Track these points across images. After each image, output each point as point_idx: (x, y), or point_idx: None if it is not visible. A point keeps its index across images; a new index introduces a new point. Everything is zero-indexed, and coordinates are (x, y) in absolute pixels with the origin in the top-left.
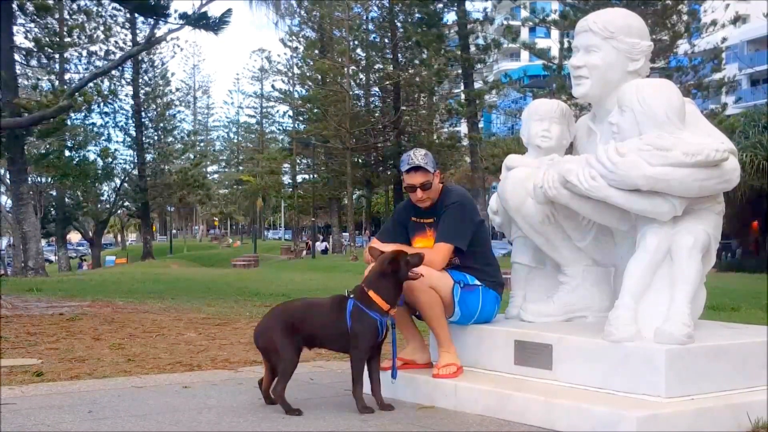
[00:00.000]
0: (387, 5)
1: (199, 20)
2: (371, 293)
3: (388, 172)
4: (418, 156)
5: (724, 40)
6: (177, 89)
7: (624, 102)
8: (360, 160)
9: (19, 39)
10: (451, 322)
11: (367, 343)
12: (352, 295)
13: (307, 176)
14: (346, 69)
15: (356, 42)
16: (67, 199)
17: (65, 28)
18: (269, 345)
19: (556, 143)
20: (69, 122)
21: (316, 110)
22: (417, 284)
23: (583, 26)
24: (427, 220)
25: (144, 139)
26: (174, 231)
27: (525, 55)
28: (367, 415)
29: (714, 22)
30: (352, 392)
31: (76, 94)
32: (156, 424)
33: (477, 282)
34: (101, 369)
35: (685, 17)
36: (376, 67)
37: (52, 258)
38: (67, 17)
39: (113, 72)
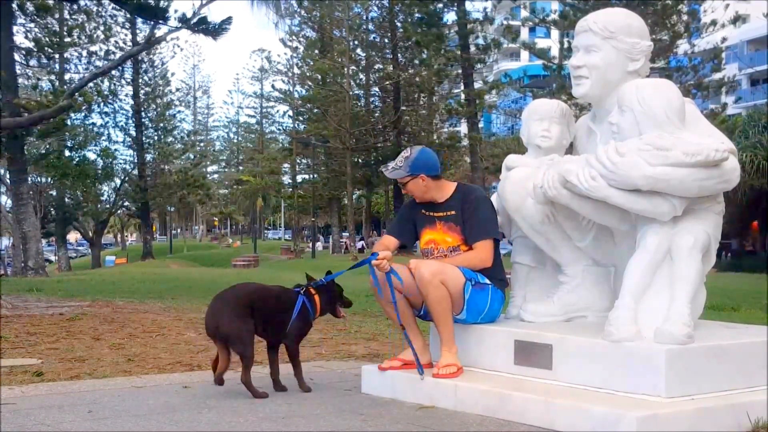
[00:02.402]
0: (387, 5)
1: (198, 24)
2: (316, 297)
3: None
4: (399, 158)
5: (723, 40)
6: (177, 89)
7: (624, 102)
8: (360, 160)
9: (19, 39)
10: (457, 320)
11: (300, 337)
12: (301, 292)
13: (307, 176)
14: (346, 69)
15: (356, 42)
16: (67, 199)
17: (65, 28)
18: (231, 331)
19: (556, 143)
20: (69, 122)
21: (316, 110)
22: (429, 278)
23: (583, 26)
24: (438, 214)
25: (144, 139)
26: (174, 231)
27: (525, 55)
28: (367, 414)
29: (714, 22)
30: (295, 375)
31: (76, 94)
32: (156, 424)
33: (487, 281)
34: (101, 369)
35: (684, 17)
36: (376, 67)
37: (52, 258)
38: (67, 17)
39: (113, 72)
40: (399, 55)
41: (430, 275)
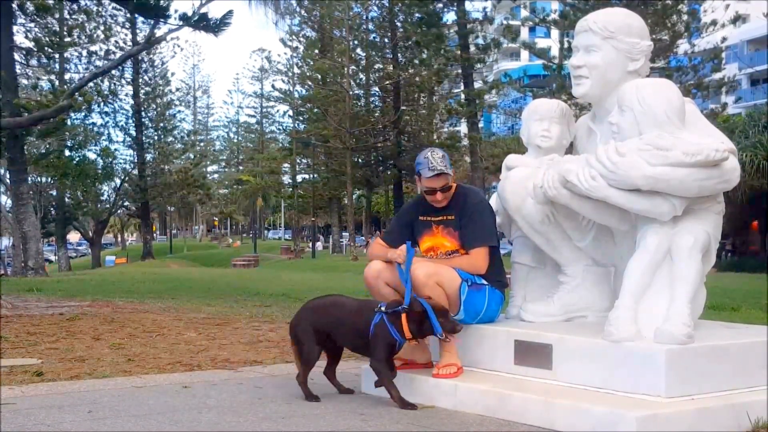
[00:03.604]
0: (387, 5)
1: (199, 21)
2: (404, 317)
3: (388, 172)
4: (437, 159)
5: (724, 39)
6: (177, 89)
7: (624, 102)
8: (360, 160)
9: (19, 39)
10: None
11: (383, 355)
12: (383, 309)
13: (307, 176)
14: (346, 69)
15: (356, 42)
16: (67, 199)
17: (65, 28)
18: (296, 338)
19: (556, 143)
20: (69, 122)
21: (316, 110)
22: (424, 279)
23: (583, 26)
24: (435, 219)
25: (144, 138)
26: (174, 231)
27: (525, 54)
28: (367, 414)
29: (714, 22)
30: (391, 398)
31: (76, 93)
32: (156, 424)
33: (484, 282)
34: (101, 369)
35: (685, 17)
36: (376, 67)
37: (52, 258)
38: (67, 17)
39: (113, 72)
40: (399, 55)
41: (425, 277)
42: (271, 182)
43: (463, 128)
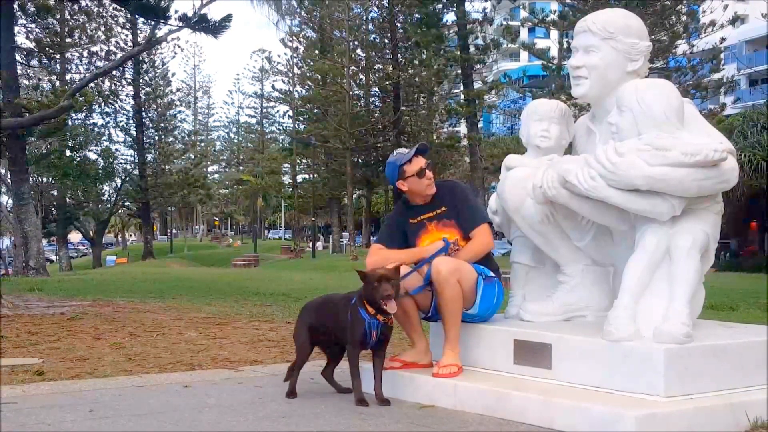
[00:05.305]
0: (387, 6)
1: (199, 23)
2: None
3: None
4: (403, 151)
5: (722, 40)
6: (177, 89)
7: (623, 102)
8: (360, 160)
9: (21, 39)
10: (467, 315)
11: (356, 339)
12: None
13: (307, 176)
14: (346, 69)
15: (356, 42)
16: (68, 199)
17: (66, 29)
18: (294, 337)
19: (555, 143)
20: (70, 122)
21: (316, 110)
22: (446, 276)
23: (582, 27)
24: (428, 215)
25: (145, 139)
26: (174, 231)
27: (524, 55)
28: (367, 413)
29: (713, 23)
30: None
31: (77, 94)
32: (156, 423)
33: (492, 274)
34: (102, 368)
35: (683, 17)
36: (376, 67)
37: (53, 258)
38: (68, 18)
39: (114, 72)
40: (399, 55)
41: (448, 273)
42: (272, 182)
43: (462, 128)
